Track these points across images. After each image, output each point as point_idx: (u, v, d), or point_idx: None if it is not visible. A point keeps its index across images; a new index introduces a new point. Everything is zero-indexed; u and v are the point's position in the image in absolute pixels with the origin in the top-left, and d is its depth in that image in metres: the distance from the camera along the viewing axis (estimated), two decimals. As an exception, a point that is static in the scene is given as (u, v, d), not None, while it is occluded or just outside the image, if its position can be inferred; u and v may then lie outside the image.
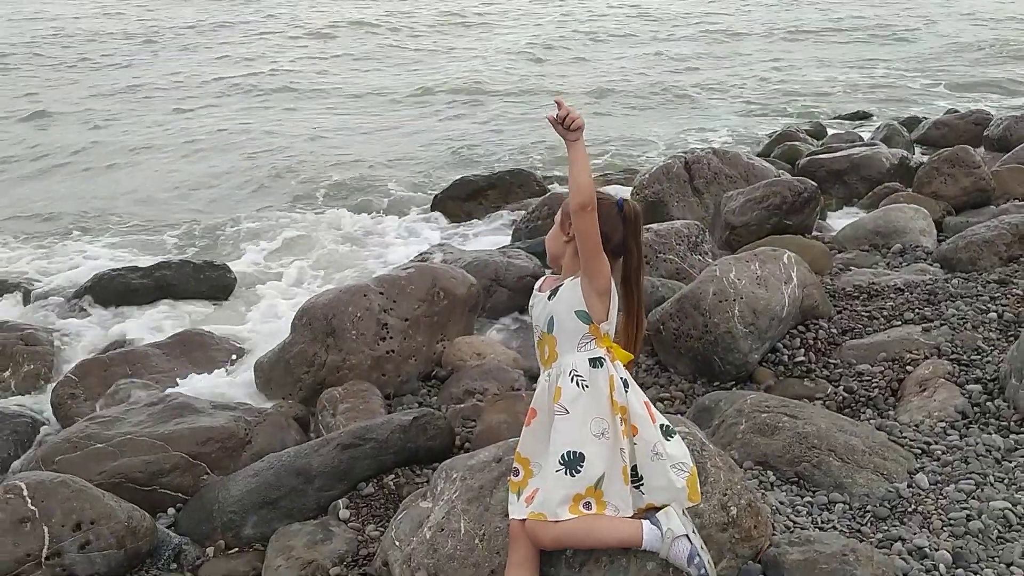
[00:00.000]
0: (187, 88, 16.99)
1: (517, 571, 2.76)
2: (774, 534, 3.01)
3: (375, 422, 4.04)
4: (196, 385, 5.50)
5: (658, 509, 2.75)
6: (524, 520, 2.73)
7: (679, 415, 3.69)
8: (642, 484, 2.76)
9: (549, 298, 2.87)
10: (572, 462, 2.68)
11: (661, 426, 2.83)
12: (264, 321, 6.98)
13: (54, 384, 5.60)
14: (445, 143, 13.23)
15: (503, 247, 7.61)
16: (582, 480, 2.68)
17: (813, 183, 7.66)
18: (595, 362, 2.77)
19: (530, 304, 3.01)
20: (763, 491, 3.38)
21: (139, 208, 10.47)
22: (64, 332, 6.58)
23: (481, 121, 14.67)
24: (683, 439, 2.90)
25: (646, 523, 2.71)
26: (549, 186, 10.26)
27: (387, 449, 3.92)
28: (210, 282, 7.30)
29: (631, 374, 2.87)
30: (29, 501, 3.47)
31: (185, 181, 11.46)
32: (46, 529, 3.44)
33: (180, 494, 4.21)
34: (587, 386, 2.74)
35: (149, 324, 6.81)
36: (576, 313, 2.79)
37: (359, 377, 5.20)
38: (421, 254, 7.84)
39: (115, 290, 7.05)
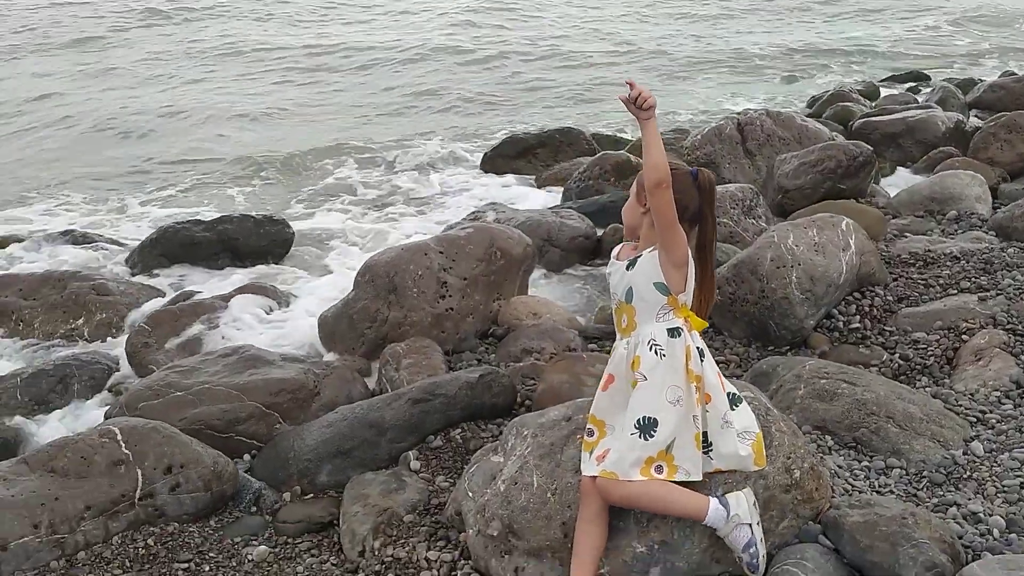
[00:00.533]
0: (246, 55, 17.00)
1: (588, 526, 2.92)
2: (833, 496, 3.13)
3: (444, 378, 4.21)
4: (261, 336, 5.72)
5: (727, 482, 2.88)
6: (596, 477, 2.88)
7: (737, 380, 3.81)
8: (711, 450, 2.89)
9: (627, 268, 2.98)
10: (646, 427, 2.82)
11: (729, 394, 2.96)
12: (321, 276, 7.19)
13: (128, 333, 5.84)
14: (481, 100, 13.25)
15: (555, 207, 7.71)
16: (654, 444, 2.82)
17: (869, 147, 7.62)
18: (673, 332, 2.89)
19: (607, 272, 3.13)
20: (821, 455, 3.50)
21: (197, 165, 10.71)
22: (131, 283, 6.81)
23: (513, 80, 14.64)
24: (749, 404, 3.03)
25: (714, 501, 2.84)
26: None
27: (455, 405, 4.10)
28: (270, 236, 7.47)
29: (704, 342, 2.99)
30: (123, 445, 3.70)
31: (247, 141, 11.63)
32: (139, 471, 3.67)
33: (255, 442, 4.41)
34: (664, 355, 2.86)
35: (213, 277, 7.06)
36: (655, 285, 2.91)
37: (419, 334, 5.36)
38: (473, 213, 7.96)
39: (179, 243, 7.25)
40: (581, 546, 2.91)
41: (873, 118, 9.95)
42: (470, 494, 3.32)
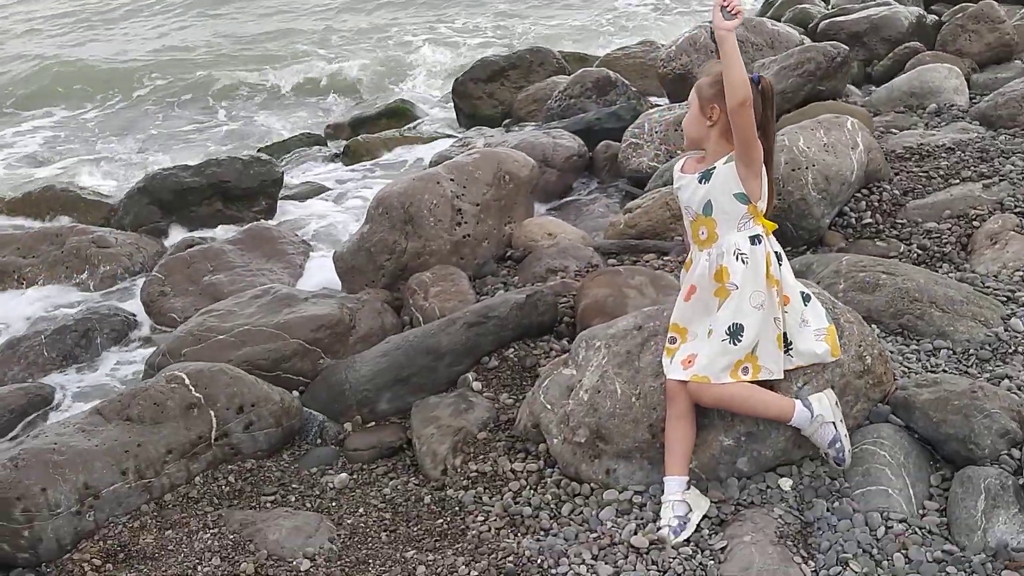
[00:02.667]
0: None
1: (678, 423, 3.07)
2: (896, 380, 3.33)
3: (494, 301, 4.29)
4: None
5: (812, 383, 3.03)
6: (685, 381, 3.02)
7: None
8: (791, 348, 3.05)
9: (701, 181, 3.06)
10: (735, 332, 2.96)
11: (800, 293, 3.10)
12: (320, 215, 7.19)
13: (142, 282, 5.79)
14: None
15: (544, 127, 7.72)
16: (742, 348, 2.96)
17: (845, 47, 7.74)
18: (755, 239, 3.01)
19: (675, 186, 3.20)
20: (877, 342, 3.69)
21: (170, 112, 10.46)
22: (128, 234, 6.72)
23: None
24: (817, 299, 3.18)
25: (799, 403, 2.99)
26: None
27: (507, 325, 4.19)
28: (260, 176, 7.38)
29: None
30: (193, 389, 3.73)
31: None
32: (212, 413, 3.71)
33: (301, 378, 4.47)
34: (747, 261, 2.98)
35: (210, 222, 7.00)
36: (735, 196, 3.00)
37: (440, 262, 5.41)
38: (461, 139, 7.95)
39: (169, 189, 7.12)
40: (673, 442, 3.07)
41: (837, 18, 10.04)
42: (548, 406, 3.44)
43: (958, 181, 5.26)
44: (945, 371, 3.51)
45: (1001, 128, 6.15)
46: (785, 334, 3.04)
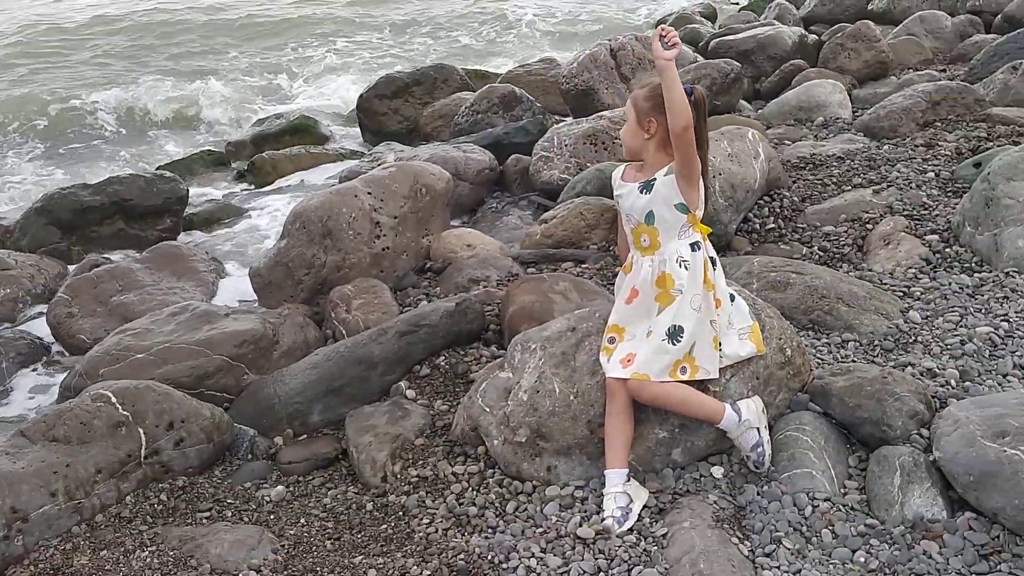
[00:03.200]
0: None
1: (617, 419, 3.19)
2: (812, 370, 3.54)
3: (425, 309, 4.34)
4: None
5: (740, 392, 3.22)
6: (625, 379, 3.14)
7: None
8: (721, 348, 3.22)
9: (641, 191, 3.20)
10: (674, 334, 3.11)
11: (728, 294, 3.28)
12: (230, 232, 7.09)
13: (48, 305, 5.59)
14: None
15: (455, 141, 7.81)
16: (680, 349, 3.12)
17: (738, 64, 8.15)
18: (694, 246, 3.17)
19: (616, 194, 3.33)
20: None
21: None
22: (28, 255, 6.47)
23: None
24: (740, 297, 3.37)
25: (728, 407, 3.16)
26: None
27: (438, 333, 4.25)
28: (164, 194, 7.22)
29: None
30: (120, 407, 3.65)
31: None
32: (141, 431, 3.64)
33: (225, 394, 4.41)
34: (689, 267, 3.14)
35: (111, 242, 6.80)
36: (676, 206, 3.16)
37: (360, 275, 5.42)
38: (370, 154, 7.96)
39: (68, 208, 6.90)
40: (613, 436, 3.18)
41: (726, 38, 10.53)
42: (487, 409, 3.52)
43: (850, 187, 5.62)
44: (854, 361, 3.76)
45: (884, 138, 6.59)
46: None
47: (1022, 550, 2.78)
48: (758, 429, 3.19)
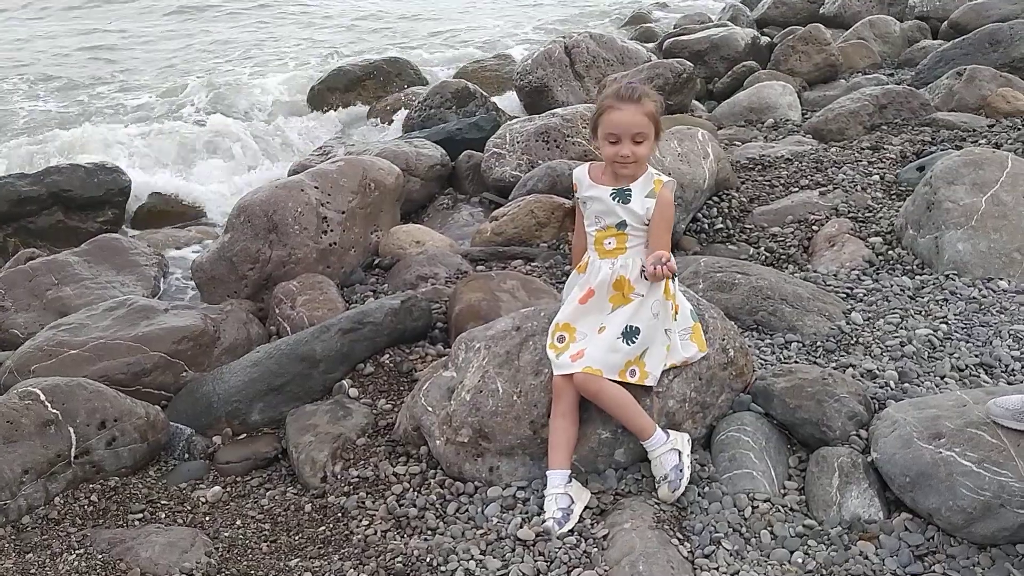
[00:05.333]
0: None
1: (562, 420, 3.16)
2: (755, 370, 3.55)
3: (369, 307, 4.27)
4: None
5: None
6: (572, 375, 3.11)
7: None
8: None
9: (615, 199, 3.17)
10: (629, 334, 3.10)
11: (686, 307, 3.28)
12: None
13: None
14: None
15: (406, 136, 7.74)
16: (633, 350, 3.11)
17: (691, 64, 8.19)
18: None
19: (584, 193, 3.27)
20: (733, 337, 3.92)
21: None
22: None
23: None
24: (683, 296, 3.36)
25: (659, 429, 3.14)
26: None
27: (382, 331, 4.18)
28: (105, 185, 7.04)
29: None
30: (49, 405, 3.53)
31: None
32: (71, 430, 3.52)
33: (163, 392, 4.30)
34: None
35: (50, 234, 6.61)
36: (646, 224, 3.17)
37: (306, 271, 5.33)
38: (320, 149, 7.85)
39: (4, 198, 6.69)
40: (557, 437, 3.15)
41: (680, 38, 10.59)
42: (429, 408, 3.47)
43: (797, 189, 5.66)
44: (797, 362, 3.78)
45: (831, 141, 6.66)
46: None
47: (956, 551, 2.81)
48: (680, 453, 3.14)
